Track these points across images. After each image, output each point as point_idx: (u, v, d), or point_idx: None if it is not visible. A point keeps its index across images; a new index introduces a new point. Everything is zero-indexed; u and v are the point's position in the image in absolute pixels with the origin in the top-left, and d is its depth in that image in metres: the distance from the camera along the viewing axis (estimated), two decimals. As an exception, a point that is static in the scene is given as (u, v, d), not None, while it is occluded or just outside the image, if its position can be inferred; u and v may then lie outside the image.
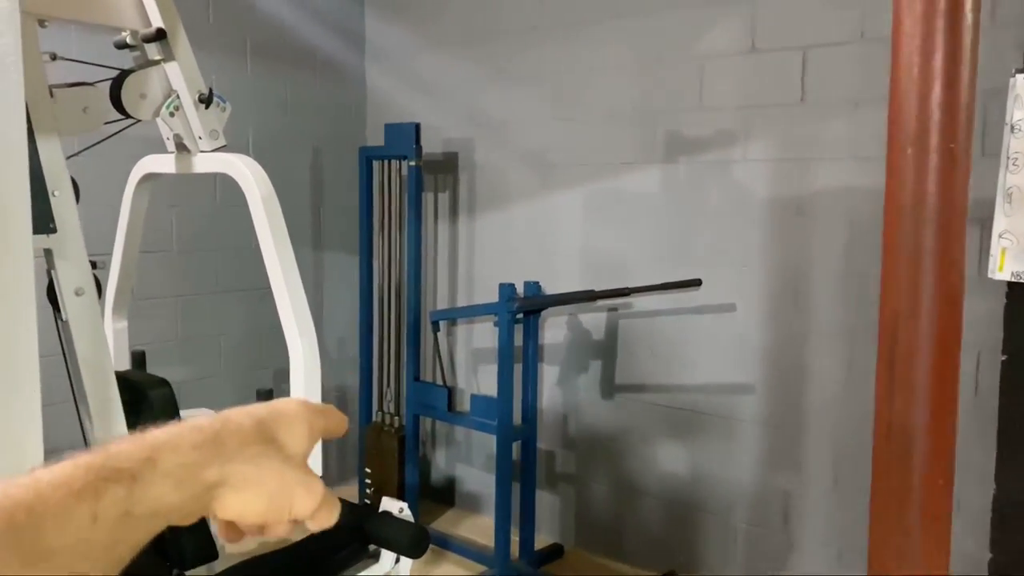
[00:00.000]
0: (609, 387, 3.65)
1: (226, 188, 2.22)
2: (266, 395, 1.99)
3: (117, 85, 1.94)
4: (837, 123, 2.95)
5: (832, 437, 3.05)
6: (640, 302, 3.43)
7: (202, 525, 2.44)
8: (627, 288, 3.19)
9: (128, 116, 2.00)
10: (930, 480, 1.09)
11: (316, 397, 1.88)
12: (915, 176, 1.08)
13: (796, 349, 3.12)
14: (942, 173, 1.06)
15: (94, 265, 1.95)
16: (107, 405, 1.95)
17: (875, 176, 2.87)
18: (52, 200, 1.82)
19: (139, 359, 2.35)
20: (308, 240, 4.24)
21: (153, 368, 2.65)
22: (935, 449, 1.08)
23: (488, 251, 4.04)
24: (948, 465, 1.09)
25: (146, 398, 2.07)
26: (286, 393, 1.91)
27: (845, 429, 3.02)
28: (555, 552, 3.75)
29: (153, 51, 1.99)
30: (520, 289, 3.41)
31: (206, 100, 2.01)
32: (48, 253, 1.84)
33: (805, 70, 3.02)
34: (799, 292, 3.09)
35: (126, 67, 1.99)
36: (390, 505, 2.62)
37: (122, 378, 2.04)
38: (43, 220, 1.80)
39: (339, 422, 0.64)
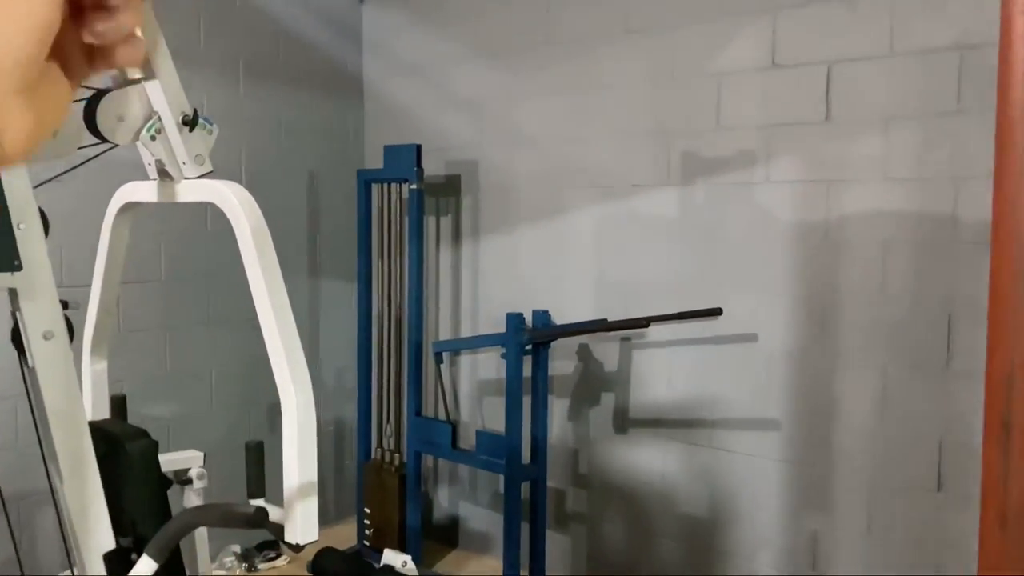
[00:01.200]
0: (623, 422, 3.46)
1: (216, 214, 2.07)
2: (256, 448, 1.80)
3: (92, 106, 1.76)
4: (866, 142, 2.78)
5: (865, 477, 2.86)
6: (656, 332, 3.24)
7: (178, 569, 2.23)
8: (644, 318, 3.00)
9: (105, 140, 1.82)
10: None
11: (312, 449, 1.69)
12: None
13: (824, 383, 2.92)
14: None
15: (66, 305, 1.77)
16: (79, 459, 1.76)
17: (908, 198, 2.71)
18: (17, 233, 1.64)
19: (119, 404, 2.15)
20: (304, 267, 4.06)
21: (138, 405, 2.46)
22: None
23: (494, 278, 3.86)
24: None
25: (123, 451, 1.88)
26: (279, 442, 1.72)
27: (879, 469, 2.82)
28: (566, 597, 3.53)
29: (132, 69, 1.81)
30: (528, 319, 3.22)
31: (190, 123, 1.83)
32: (12, 293, 1.66)
33: (830, 87, 2.85)
34: (827, 322, 2.91)
35: (101, 86, 1.81)
36: (392, 558, 2.43)
37: (97, 429, 1.85)
38: (6, 256, 1.62)
39: None
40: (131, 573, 1.57)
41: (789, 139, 2.95)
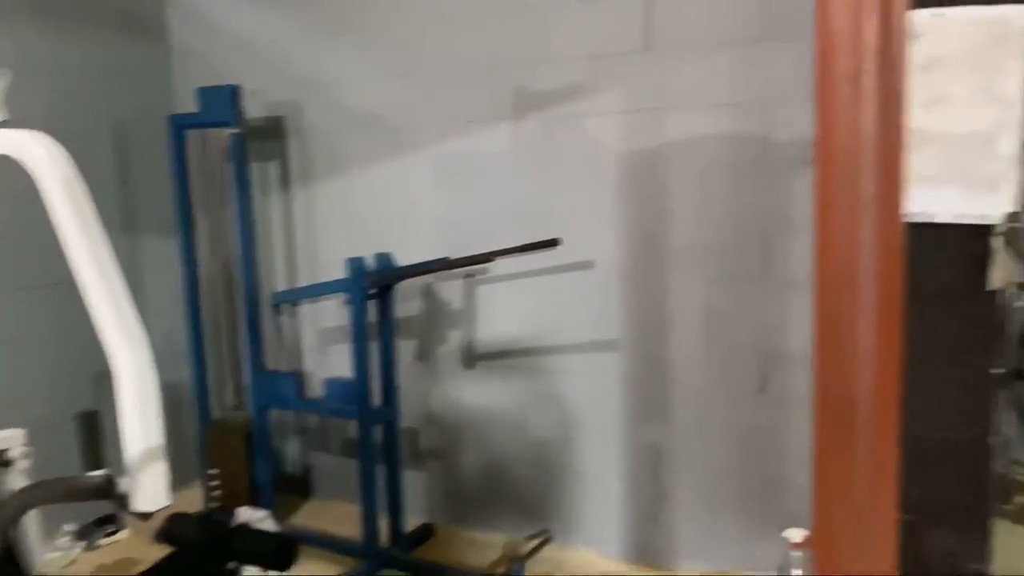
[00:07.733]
0: (470, 357, 3.51)
1: (14, 169, 1.84)
2: (89, 418, 1.67)
3: None
4: (686, 69, 2.90)
5: (696, 388, 3.07)
6: (498, 266, 3.28)
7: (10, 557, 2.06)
8: (486, 254, 3.03)
9: None
10: (880, 450, 1.00)
11: (155, 410, 1.59)
12: (851, 116, 0.97)
13: (656, 303, 3.09)
14: (883, 111, 0.95)
15: None
16: None
17: (728, 122, 2.86)
18: None
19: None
20: (117, 224, 3.74)
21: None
22: (885, 417, 1.00)
23: (330, 223, 3.75)
24: (896, 434, 1.02)
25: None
26: (112, 409, 1.60)
27: (708, 378, 3.03)
28: (426, 532, 3.59)
29: None
30: (370, 262, 3.16)
31: (-26, 63, 1.62)
32: None
33: (650, 14, 2.93)
34: (656, 245, 3.05)
35: None
36: (248, 516, 2.36)
37: None
38: None
39: None
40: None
41: (613, 69, 3.02)
